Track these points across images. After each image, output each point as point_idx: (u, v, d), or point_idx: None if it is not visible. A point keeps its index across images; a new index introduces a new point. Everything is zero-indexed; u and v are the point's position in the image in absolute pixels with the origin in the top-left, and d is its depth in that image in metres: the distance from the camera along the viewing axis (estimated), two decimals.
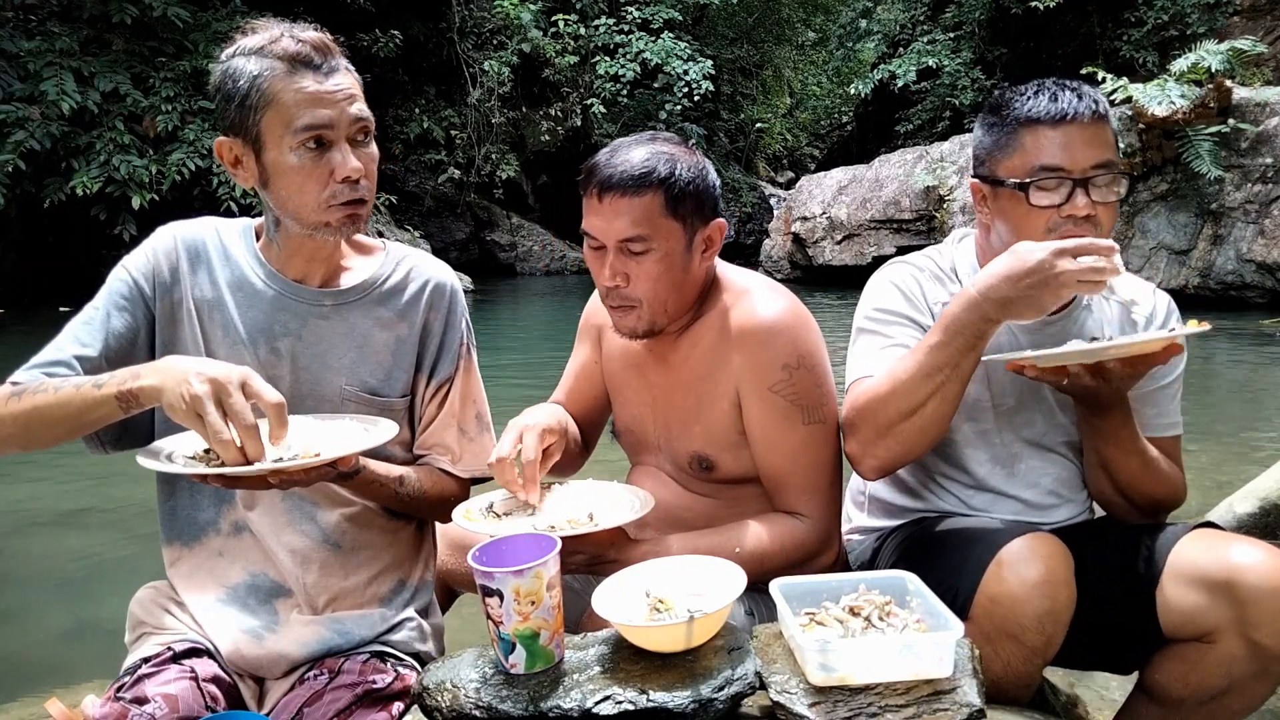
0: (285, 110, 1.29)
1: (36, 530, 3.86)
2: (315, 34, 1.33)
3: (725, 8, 16.02)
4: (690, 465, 1.61)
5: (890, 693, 1.08)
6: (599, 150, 1.53)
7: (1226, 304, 8.91)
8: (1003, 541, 1.35)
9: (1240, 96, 8.98)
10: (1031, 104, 1.46)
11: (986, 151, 1.53)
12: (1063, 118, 1.43)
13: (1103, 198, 1.44)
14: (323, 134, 1.30)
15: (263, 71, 1.29)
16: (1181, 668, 1.43)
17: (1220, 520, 2.33)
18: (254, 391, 1.16)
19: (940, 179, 11.55)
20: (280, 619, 1.41)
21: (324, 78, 1.30)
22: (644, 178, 1.43)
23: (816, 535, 1.52)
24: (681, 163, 1.47)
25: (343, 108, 1.31)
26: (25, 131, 8.57)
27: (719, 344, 1.54)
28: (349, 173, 1.31)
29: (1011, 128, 1.48)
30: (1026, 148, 1.46)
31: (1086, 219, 1.43)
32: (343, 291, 1.45)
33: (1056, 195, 1.44)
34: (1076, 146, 1.43)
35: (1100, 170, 1.43)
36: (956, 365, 1.38)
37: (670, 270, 1.48)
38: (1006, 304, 1.32)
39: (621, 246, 1.46)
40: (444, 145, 14.03)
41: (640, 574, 1.25)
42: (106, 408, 1.21)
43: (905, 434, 1.43)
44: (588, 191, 1.48)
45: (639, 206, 1.44)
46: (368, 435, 1.30)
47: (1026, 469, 1.61)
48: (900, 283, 1.61)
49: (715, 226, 1.53)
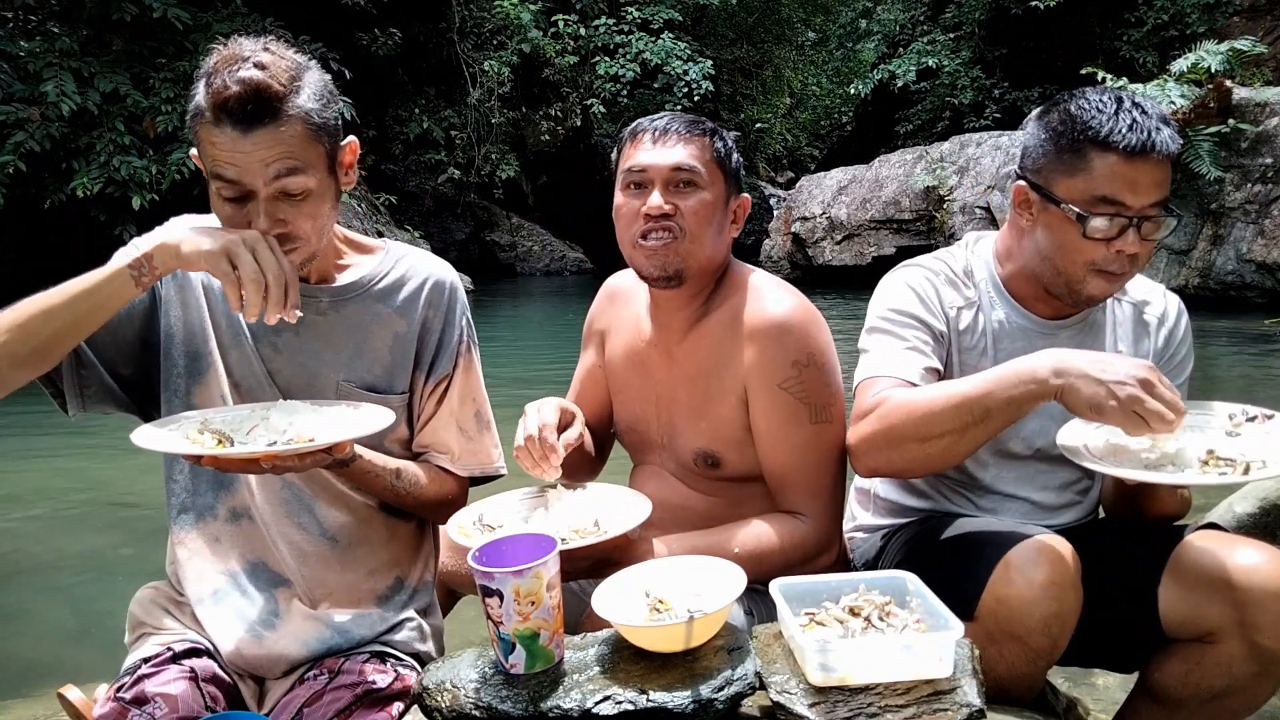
0: (206, 154, 1.26)
1: (37, 530, 3.87)
2: (258, 77, 1.21)
3: (725, 8, 16.02)
4: (695, 462, 1.61)
5: (890, 693, 1.08)
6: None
7: (1226, 304, 8.92)
8: (1010, 543, 1.34)
9: (1240, 96, 8.98)
10: (1111, 125, 1.38)
11: (1045, 159, 1.46)
12: (1141, 150, 1.37)
13: (1150, 235, 1.42)
14: (234, 189, 1.25)
15: (197, 106, 1.25)
16: (1183, 668, 1.43)
17: (1220, 520, 2.32)
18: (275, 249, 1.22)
19: (940, 179, 11.55)
20: (281, 609, 1.41)
21: (243, 134, 1.21)
22: (698, 124, 1.55)
23: (816, 536, 1.52)
24: (723, 131, 1.58)
25: (255, 170, 1.23)
26: (25, 132, 8.56)
27: (728, 339, 1.54)
28: (261, 228, 1.25)
29: (1082, 145, 1.41)
30: (1094, 172, 1.40)
31: (1131, 256, 1.41)
32: (339, 288, 1.46)
33: (1110, 229, 1.40)
34: (1144, 185, 1.38)
35: (1156, 210, 1.41)
36: (988, 417, 1.33)
37: (712, 215, 1.53)
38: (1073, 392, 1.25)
39: (672, 178, 1.50)
40: (444, 145, 14.02)
41: (640, 574, 1.25)
42: (117, 281, 1.21)
43: (913, 455, 1.40)
44: (636, 138, 1.55)
45: (694, 144, 1.52)
46: (363, 422, 1.31)
47: (1035, 473, 1.61)
48: (915, 285, 1.59)
49: (743, 200, 1.60)
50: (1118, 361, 1.26)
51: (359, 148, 1.41)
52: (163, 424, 1.30)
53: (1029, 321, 1.58)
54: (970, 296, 1.59)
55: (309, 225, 1.30)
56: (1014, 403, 1.31)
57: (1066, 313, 1.58)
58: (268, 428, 1.31)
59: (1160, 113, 1.42)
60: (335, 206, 1.37)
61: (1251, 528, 2.33)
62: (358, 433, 1.27)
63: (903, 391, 1.44)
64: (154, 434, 1.25)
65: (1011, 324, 1.58)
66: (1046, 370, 1.28)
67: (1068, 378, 1.25)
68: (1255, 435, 1.35)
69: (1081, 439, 1.40)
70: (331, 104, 1.31)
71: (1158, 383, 1.22)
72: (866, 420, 1.44)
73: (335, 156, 1.32)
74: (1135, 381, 1.22)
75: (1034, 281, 1.54)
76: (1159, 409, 1.20)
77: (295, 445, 1.22)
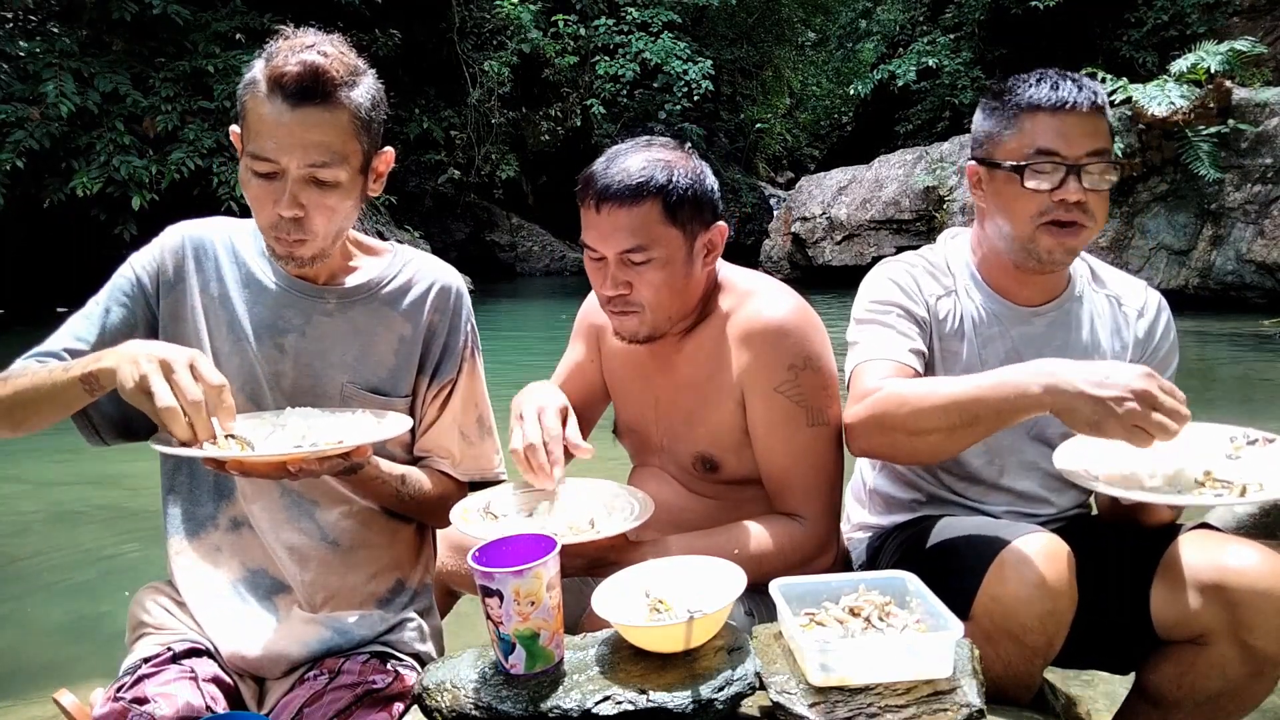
0: (248, 128, 1.29)
1: (37, 530, 3.86)
2: (320, 61, 1.25)
3: (725, 8, 16.01)
4: (694, 466, 1.61)
5: (890, 693, 1.08)
6: (599, 150, 1.53)
7: (1226, 304, 8.91)
8: (1005, 542, 1.35)
9: (1240, 97, 8.98)
10: (1034, 91, 1.50)
11: (985, 135, 1.57)
12: (1062, 105, 1.47)
13: (1094, 185, 1.48)
14: (266, 165, 1.27)
15: (253, 80, 1.29)
16: (1176, 669, 1.43)
17: (1219, 520, 2.33)
18: (199, 373, 1.16)
19: (940, 179, 11.55)
20: (281, 615, 1.41)
21: (291, 109, 1.25)
22: (641, 187, 1.43)
23: (815, 538, 1.52)
24: (678, 169, 1.46)
25: (294, 149, 1.25)
26: (25, 132, 8.56)
27: (724, 345, 1.54)
28: (281, 211, 1.28)
29: (1012, 112, 1.52)
30: (1025, 131, 1.50)
31: (1078, 205, 1.47)
32: (347, 290, 1.46)
33: (1050, 180, 1.47)
34: (1073, 134, 1.47)
35: (1094, 158, 1.47)
36: (976, 423, 1.32)
37: (672, 277, 1.48)
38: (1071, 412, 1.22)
39: (622, 258, 1.46)
40: (444, 145, 14.02)
41: (640, 574, 1.25)
42: (73, 391, 1.22)
43: (902, 446, 1.44)
44: (585, 203, 1.47)
45: (637, 216, 1.43)
46: (383, 425, 1.32)
47: (1019, 463, 1.62)
48: (896, 277, 1.63)
49: (716, 230, 1.53)
50: (1114, 373, 1.22)
51: (393, 160, 1.43)
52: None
53: (1004, 308, 1.61)
54: (948, 285, 1.63)
55: (324, 219, 1.32)
56: (1003, 414, 1.30)
57: (1042, 300, 1.61)
58: (287, 434, 1.30)
59: (1081, 75, 1.52)
60: (356, 208, 1.38)
61: (1251, 528, 2.34)
62: (383, 435, 1.29)
63: (897, 383, 1.45)
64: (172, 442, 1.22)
65: (987, 311, 1.61)
66: (1039, 388, 1.25)
67: (1063, 397, 1.23)
68: (1255, 458, 1.35)
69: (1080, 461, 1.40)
70: (380, 108, 1.36)
71: (1157, 392, 1.19)
72: (862, 405, 1.46)
73: (370, 160, 1.35)
74: (1133, 395, 1.18)
75: (1005, 265, 1.59)
76: (1162, 421, 1.18)
77: (324, 447, 1.21)
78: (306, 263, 1.35)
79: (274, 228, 1.31)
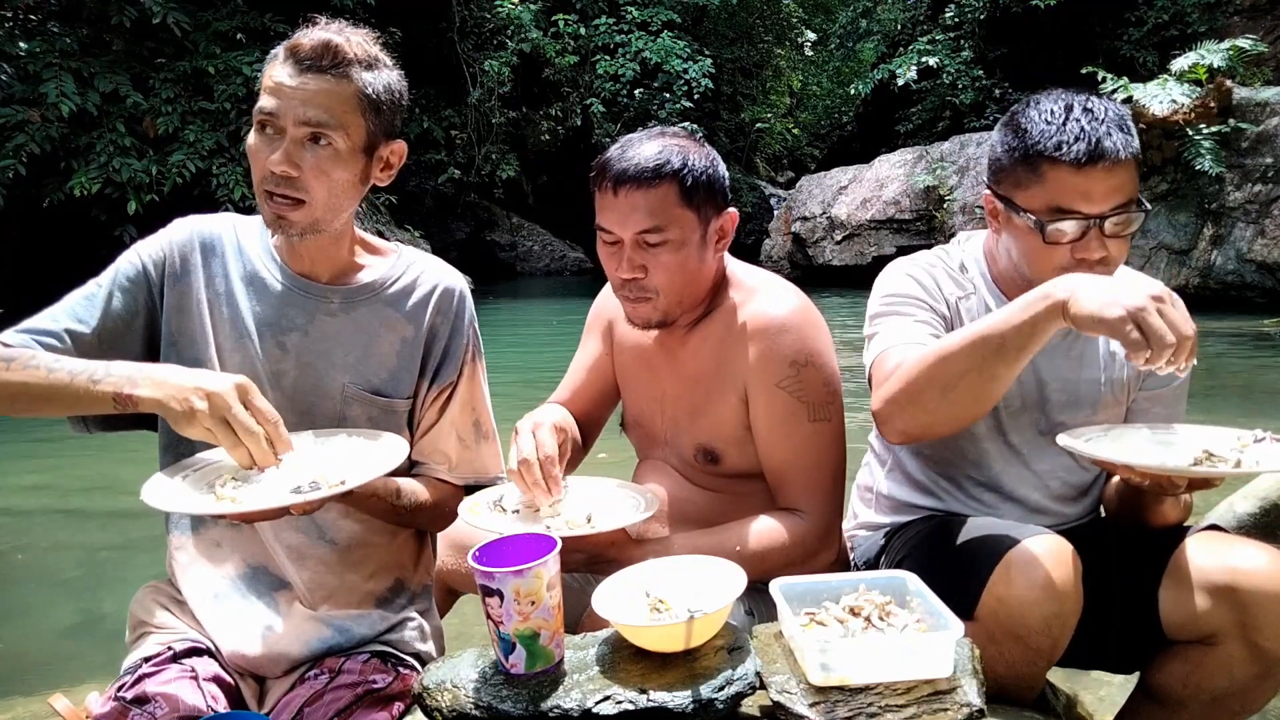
0: (261, 93, 1.34)
1: (38, 529, 3.87)
2: (338, 39, 1.31)
3: (725, 7, 16.03)
4: (696, 458, 1.61)
5: (890, 693, 1.08)
6: (599, 150, 1.53)
7: (1227, 304, 8.91)
8: (1011, 543, 1.34)
9: (1240, 96, 8.98)
10: (1057, 137, 1.38)
11: (1004, 171, 1.47)
12: (1089, 159, 1.36)
13: (1116, 233, 1.40)
14: (268, 120, 1.31)
15: (274, 55, 1.34)
16: (1183, 669, 1.43)
17: (1221, 520, 2.32)
18: (253, 405, 1.19)
19: (940, 179, 11.56)
20: (281, 611, 1.41)
21: (298, 71, 1.30)
22: (658, 169, 1.46)
23: (817, 533, 1.52)
24: (693, 154, 1.49)
25: (293, 104, 1.29)
26: (25, 134, 8.55)
27: (729, 340, 1.55)
28: (270, 164, 1.30)
29: (1035, 159, 1.40)
30: (1046, 183, 1.40)
31: (1100, 260, 1.40)
32: (351, 289, 1.45)
33: (1069, 235, 1.40)
34: (1097, 191, 1.37)
35: (1119, 211, 1.39)
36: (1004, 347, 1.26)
37: (686, 261, 1.49)
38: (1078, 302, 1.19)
39: (638, 239, 1.47)
40: (444, 145, 14.03)
41: (640, 574, 1.25)
42: (102, 405, 1.22)
43: (936, 405, 1.35)
44: (601, 187, 1.49)
45: (655, 197, 1.45)
46: (382, 456, 1.29)
47: (1036, 470, 1.61)
48: (915, 274, 1.60)
49: (728, 216, 1.55)
50: (1132, 279, 1.21)
51: (405, 154, 1.44)
52: (173, 473, 1.28)
53: None
54: (967, 288, 1.61)
55: (319, 184, 1.32)
56: (1025, 326, 1.24)
57: None
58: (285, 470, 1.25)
59: (1115, 116, 1.39)
60: (355, 189, 1.38)
61: (1252, 527, 2.33)
62: (382, 470, 1.25)
63: (918, 349, 1.42)
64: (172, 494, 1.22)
65: None
66: (1053, 285, 1.23)
67: (1075, 288, 1.20)
68: (1260, 450, 1.35)
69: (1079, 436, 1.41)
70: (395, 98, 1.38)
71: (1169, 301, 1.17)
72: (887, 384, 1.41)
73: (376, 144, 1.37)
74: (1145, 296, 1.16)
75: (1021, 284, 1.53)
76: (1160, 326, 1.14)
77: (325, 492, 1.19)
78: (297, 232, 1.34)
79: (265, 182, 1.32)
